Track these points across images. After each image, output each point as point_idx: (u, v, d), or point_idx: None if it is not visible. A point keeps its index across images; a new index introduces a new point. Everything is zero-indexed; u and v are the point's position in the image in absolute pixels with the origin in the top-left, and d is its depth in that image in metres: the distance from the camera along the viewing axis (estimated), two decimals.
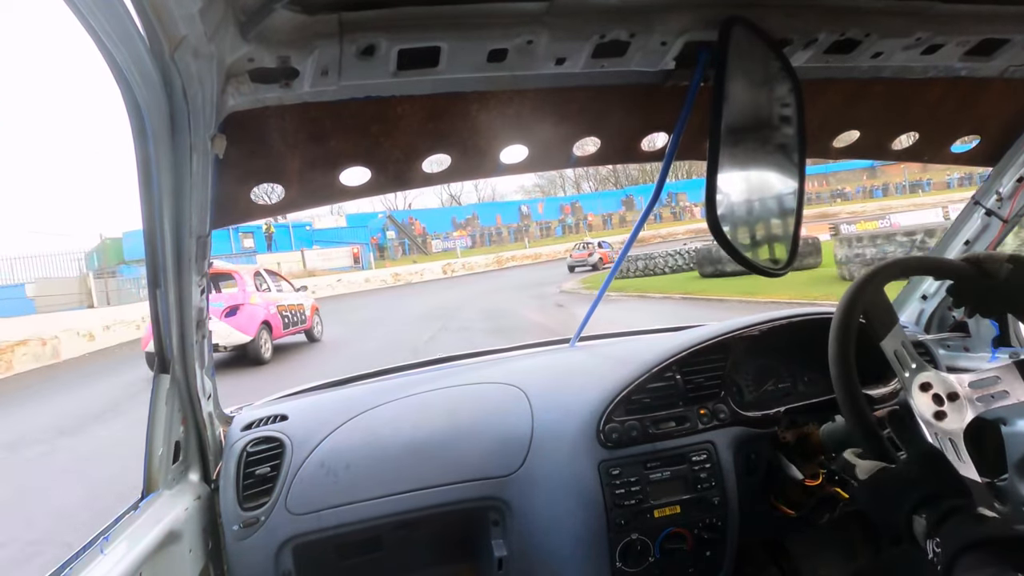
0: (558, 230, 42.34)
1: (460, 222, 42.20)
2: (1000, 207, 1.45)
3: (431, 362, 1.86)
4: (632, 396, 1.34)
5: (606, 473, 1.27)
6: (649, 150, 1.21)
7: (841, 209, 36.41)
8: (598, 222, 42.55)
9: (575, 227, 42.15)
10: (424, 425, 1.38)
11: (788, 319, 1.50)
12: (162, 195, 0.85)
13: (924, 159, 1.39)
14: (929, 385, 0.93)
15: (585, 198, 47.89)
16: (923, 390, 0.93)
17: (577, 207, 44.64)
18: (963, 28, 0.96)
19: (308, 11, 0.73)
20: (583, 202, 45.91)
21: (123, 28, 0.64)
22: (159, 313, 0.99)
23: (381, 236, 38.36)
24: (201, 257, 0.99)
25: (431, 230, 41.27)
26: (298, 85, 0.82)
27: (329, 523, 1.24)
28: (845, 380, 0.93)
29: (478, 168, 1.14)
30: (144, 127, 0.77)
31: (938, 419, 0.91)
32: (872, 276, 0.98)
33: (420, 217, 42.83)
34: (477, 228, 41.68)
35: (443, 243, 38.50)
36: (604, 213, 43.49)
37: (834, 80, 1.08)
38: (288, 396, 1.62)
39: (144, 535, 0.94)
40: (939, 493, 0.83)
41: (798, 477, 1.30)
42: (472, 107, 1.01)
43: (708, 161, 0.87)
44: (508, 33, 0.82)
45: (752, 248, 0.94)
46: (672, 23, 0.86)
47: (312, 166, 1.03)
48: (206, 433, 1.20)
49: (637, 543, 1.25)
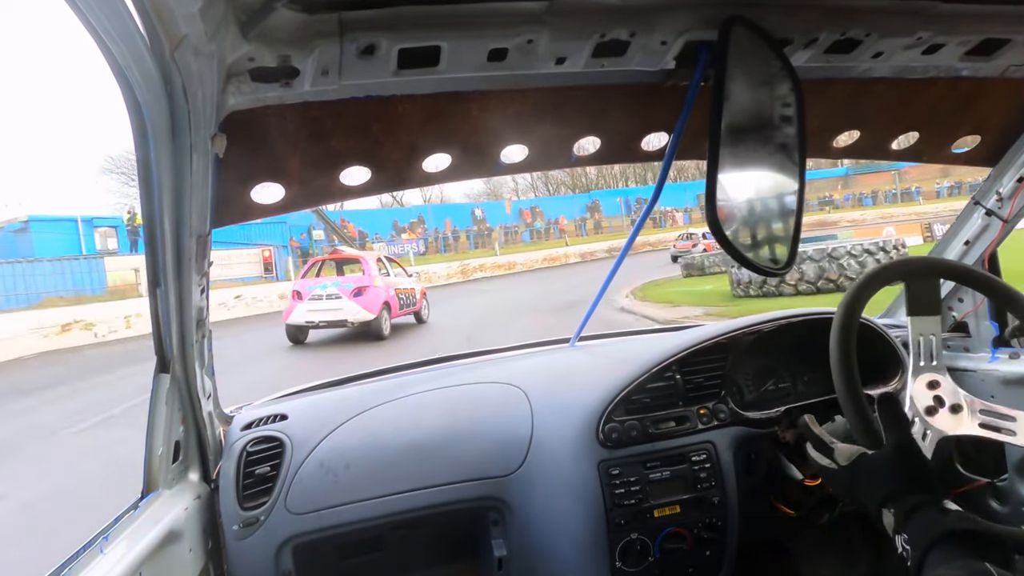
0: (525, 235, 37.44)
1: (403, 226, 36.17)
2: (1000, 207, 1.45)
3: (431, 362, 1.85)
4: (632, 396, 1.34)
5: (606, 473, 1.27)
6: (649, 150, 1.21)
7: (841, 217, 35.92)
8: (571, 227, 38.29)
9: (545, 232, 37.62)
10: (424, 425, 1.38)
11: (788, 319, 1.50)
12: (162, 194, 0.85)
13: (924, 159, 1.39)
14: (937, 384, 0.92)
15: (546, 202, 43.63)
16: (929, 387, 0.93)
17: (538, 211, 40.15)
18: (964, 28, 0.96)
19: (308, 10, 0.73)
20: (543, 206, 41.62)
21: (123, 27, 0.64)
22: (159, 312, 0.99)
23: (306, 237, 29.55)
24: (201, 257, 0.99)
25: (371, 233, 33.71)
26: (298, 84, 0.82)
27: (329, 523, 1.24)
28: (847, 379, 0.93)
29: (479, 168, 1.14)
30: (144, 126, 0.77)
31: (929, 414, 0.91)
32: (874, 276, 0.98)
33: (354, 219, 34.58)
34: (426, 232, 35.84)
35: (387, 248, 29.84)
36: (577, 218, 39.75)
37: (834, 80, 1.08)
38: (288, 396, 1.62)
39: (144, 535, 0.94)
40: (905, 489, 0.83)
41: (798, 477, 1.30)
42: (472, 106, 1.01)
43: (708, 161, 0.87)
44: (508, 32, 0.82)
45: (752, 248, 0.94)
46: (672, 23, 0.86)
47: (312, 166, 1.03)
48: (206, 433, 1.20)
49: (637, 543, 1.25)
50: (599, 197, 43.25)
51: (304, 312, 10.70)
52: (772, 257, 0.95)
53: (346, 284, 10.86)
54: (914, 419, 0.96)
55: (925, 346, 0.94)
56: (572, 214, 40.54)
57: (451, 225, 36.78)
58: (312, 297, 10.72)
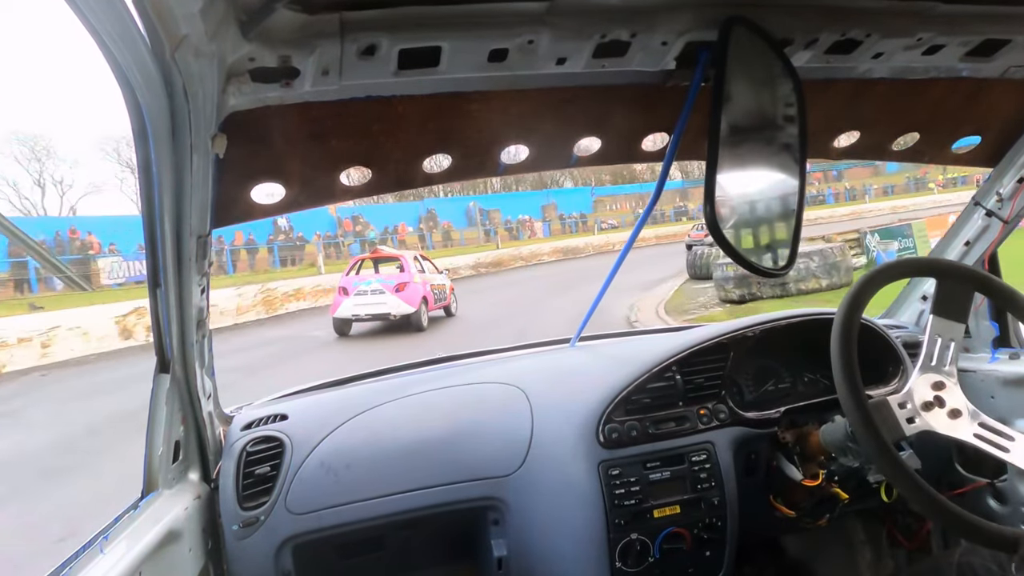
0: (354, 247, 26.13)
1: None
2: (1000, 208, 1.45)
3: (431, 362, 1.85)
4: (632, 396, 1.34)
5: (606, 473, 1.27)
6: (649, 150, 1.21)
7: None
8: (414, 239, 30.15)
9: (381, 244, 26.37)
10: (424, 425, 1.38)
11: (788, 319, 1.50)
12: (162, 194, 0.85)
13: (925, 159, 1.39)
14: (942, 385, 0.92)
15: (373, 210, 34.30)
16: (934, 388, 0.92)
17: (362, 220, 31.64)
18: (964, 29, 0.96)
19: (309, 10, 0.73)
20: (368, 215, 32.73)
21: (124, 28, 0.64)
22: (159, 313, 0.99)
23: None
24: (201, 257, 0.99)
25: (105, 243, 21.81)
26: (299, 85, 0.82)
27: (329, 523, 1.24)
28: (848, 379, 0.93)
29: (479, 168, 1.14)
30: (145, 126, 0.77)
31: (924, 409, 0.91)
32: (875, 276, 0.98)
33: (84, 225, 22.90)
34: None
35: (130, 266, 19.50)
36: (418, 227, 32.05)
37: (835, 80, 1.08)
38: (288, 395, 1.62)
39: (144, 534, 0.94)
40: None
41: (798, 477, 1.30)
42: (473, 107, 1.01)
43: (708, 161, 0.87)
44: (509, 33, 0.82)
45: (752, 249, 0.94)
46: (673, 23, 0.86)
47: (313, 166, 1.03)
48: (206, 433, 1.20)
49: (637, 543, 1.25)
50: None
51: (350, 306, 11.62)
52: (773, 258, 0.95)
53: (389, 280, 11.83)
54: (906, 404, 0.96)
55: (942, 348, 0.94)
56: (414, 222, 33.53)
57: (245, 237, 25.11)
58: (358, 293, 11.65)
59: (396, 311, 11.53)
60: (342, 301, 11.75)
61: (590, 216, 39.74)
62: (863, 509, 1.55)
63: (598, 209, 42.10)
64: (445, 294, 13.48)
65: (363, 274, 12.54)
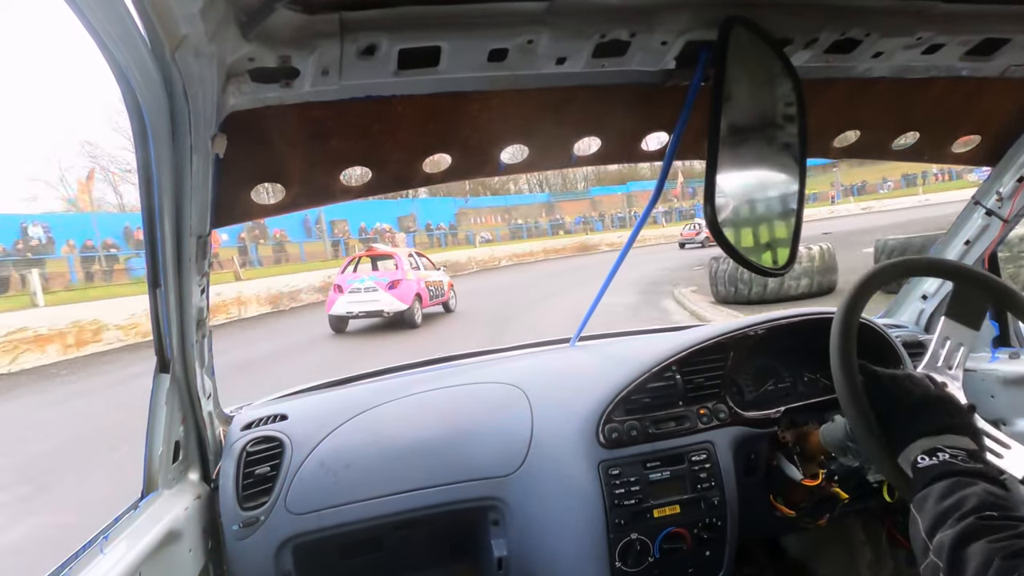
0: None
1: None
2: (1000, 207, 1.45)
3: (431, 362, 1.85)
4: (632, 396, 1.34)
5: (605, 473, 1.27)
6: (649, 150, 1.21)
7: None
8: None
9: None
10: (424, 425, 1.38)
11: (788, 319, 1.50)
12: (162, 195, 0.85)
13: (924, 159, 1.39)
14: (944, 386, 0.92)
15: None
16: None
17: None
18: (964, 28, 0.96)
19: (309, 11, 0.73)
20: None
21: (124, 28, 0.64)
22: (159, 313, 0.99)
23: None
24: (201, 257, 0.99)
25: None
26: (299, 85, 0.82)
27: (329, 523, 1.24)
28: (847, 379, 0.92)
29: (479, 168, 1.14)
30: (145, 127, 0.77)
31: None
32: (875, 275, 0.98)
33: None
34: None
35: None
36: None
37: (835, 80, 1.08)
38: (288, 395, 1.62)
39: (144, 535, 0.94)
40: None
41: (798, 477, 1.30)
42: (473, 107, 1.01)
43: (708, 161, 0.87)
44: (509, 33, 0.82)
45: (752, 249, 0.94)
46: (673, 23, 0.86)
47: (313, 166, 1.03)
48: (206, 433, 1.20)
49: (636, 543, 1.25)
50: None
51: (345, 304, 11.86)
52: (773, 257, 0.95)
53: (382, 278, 12.07)
54: None
55: (950, 350, 0.94)
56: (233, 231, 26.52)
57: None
58: (352, 290, 11.90)
59: (389, 308, 11.71)
60: (337, 298, 11.97)
61: (460, 228, 38.08)
62: (863, 509, 1.55)
63: (462, 222, 40.53)
64: (442, 291, 13.65)
65: (360, 271, 12.79)
